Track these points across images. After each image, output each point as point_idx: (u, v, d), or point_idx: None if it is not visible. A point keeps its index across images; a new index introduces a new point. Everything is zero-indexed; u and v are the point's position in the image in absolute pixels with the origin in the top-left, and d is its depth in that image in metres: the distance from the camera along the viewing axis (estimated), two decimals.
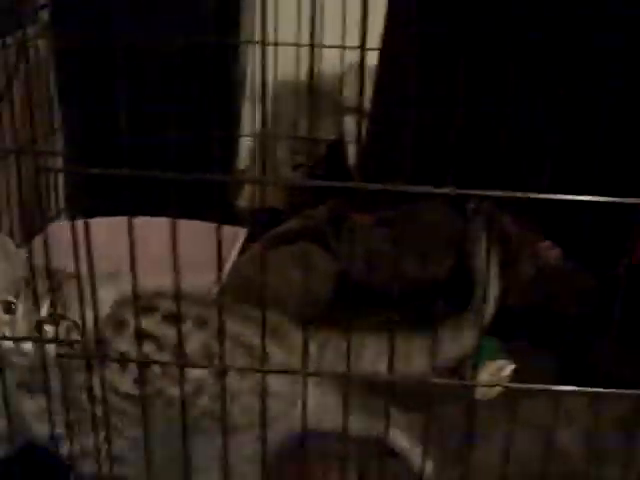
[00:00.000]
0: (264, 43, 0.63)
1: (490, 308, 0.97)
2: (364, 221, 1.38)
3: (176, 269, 0.64)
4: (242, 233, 1.43)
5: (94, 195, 1.36)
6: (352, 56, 1.57)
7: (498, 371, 1.17)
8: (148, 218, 1.48)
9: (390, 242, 1.33)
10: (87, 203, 1.49)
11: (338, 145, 1.87)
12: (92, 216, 1.04)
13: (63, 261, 0.78)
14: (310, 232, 1.30)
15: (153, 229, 1.21)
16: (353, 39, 0.71)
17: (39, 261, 0.84)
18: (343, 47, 1.51)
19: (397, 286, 1.30)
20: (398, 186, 0.60)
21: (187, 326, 0.90)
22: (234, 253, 1.35)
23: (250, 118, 1.76)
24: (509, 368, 1.18)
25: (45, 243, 0.70)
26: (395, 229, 1.35)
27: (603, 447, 0.97)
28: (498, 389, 1.13)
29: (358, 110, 1.40)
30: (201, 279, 1.12)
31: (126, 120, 0.58)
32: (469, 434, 0.85)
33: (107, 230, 1.11)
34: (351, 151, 1.75)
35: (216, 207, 0.72)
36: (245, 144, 1.87)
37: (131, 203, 0.62)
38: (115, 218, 1.30)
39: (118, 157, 0.57)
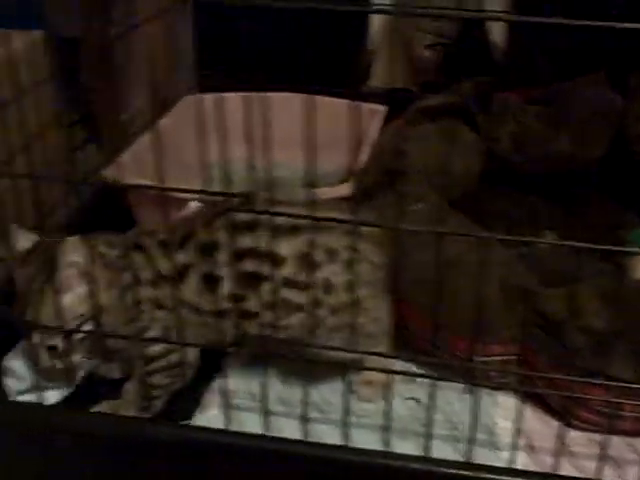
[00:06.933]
0: None
1: None
2: (514, 99, 1.28)
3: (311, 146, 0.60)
4: (381, 110, 1.38)
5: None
6: None
7: None
8: (283, 94, 1.44)
9: (542, 120, 1.24)
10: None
11: (475, 22, 1.74)
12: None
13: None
14: (455, 108, 1.22)
15: (288, 105, 1.17)
16: None
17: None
18: None
19: (547, 166, 1.24)
20: None
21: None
22: (374, 131, 1.29)
23: None
24: None
25: None
26: (548, 107, 1.26)
27: None
28: None
29: None
30: (339, 158, 1.08)
31: None
32: None
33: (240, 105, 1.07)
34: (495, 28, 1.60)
35: (347, 86, 0.67)
36: (375, 21, 1.77)
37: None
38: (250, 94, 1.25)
39: None
